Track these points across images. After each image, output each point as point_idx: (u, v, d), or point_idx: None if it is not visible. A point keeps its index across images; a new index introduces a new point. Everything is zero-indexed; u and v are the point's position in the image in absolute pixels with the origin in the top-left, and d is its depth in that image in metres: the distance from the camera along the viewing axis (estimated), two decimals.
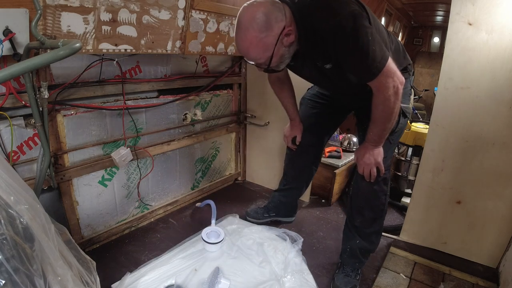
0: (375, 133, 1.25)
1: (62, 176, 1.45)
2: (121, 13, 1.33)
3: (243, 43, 1.07)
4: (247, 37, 1.04)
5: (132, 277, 1.38)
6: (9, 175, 0.82)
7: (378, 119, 1.19)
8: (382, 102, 1.13)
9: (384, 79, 1.06)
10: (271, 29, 1.03)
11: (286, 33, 1.06)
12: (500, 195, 1.56)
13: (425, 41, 6.54)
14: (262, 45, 1.05)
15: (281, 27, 1.04)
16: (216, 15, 1.76)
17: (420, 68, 6.52)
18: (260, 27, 1.02)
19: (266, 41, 1.04)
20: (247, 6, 1.05)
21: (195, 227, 1.85)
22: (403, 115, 1.33)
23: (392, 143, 1.41)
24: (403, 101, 1.28)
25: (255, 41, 1.04)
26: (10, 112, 1.25)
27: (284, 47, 1.09)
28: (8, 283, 0.67)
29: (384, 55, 1.05)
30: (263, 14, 1.01)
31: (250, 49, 1.07)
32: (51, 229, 0.92)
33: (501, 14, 1.40)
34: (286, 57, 1.14)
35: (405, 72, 1.32)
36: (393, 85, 1.08)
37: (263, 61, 1.10)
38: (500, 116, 1.48)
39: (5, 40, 1.04)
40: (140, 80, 1.70)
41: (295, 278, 1.45)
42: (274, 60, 1.10)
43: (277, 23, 1.03)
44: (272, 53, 1.07)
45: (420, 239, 1.82)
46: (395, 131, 1.34)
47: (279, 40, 1.05)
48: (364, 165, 1.34)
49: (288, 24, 1.06)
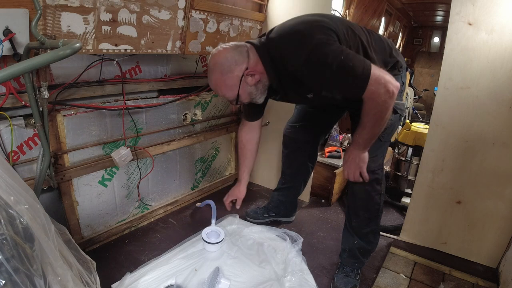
0: (362, 137, 1.24)
1: (62, 176, 1.45)
2: (121, 13, 1.33)
3: (211, 83, 1.21)
4: (213, 79, 1.19)
5: (132, 277, 1.38)
6: (9, 175, 0.82)
7: (368, 124, 1.18)
8: (374, 108, 1.11)
9: (374, 87, 1.06)
10: (231, 71, 1.14)
11: (249, 74, 1.16)
12: (500, 195, 1.56)
13: (425, 41, 6.55)
14: (225, 86, 1.17)
15: (242, 69, 1.15)
16: (216, 15, 1.76)
17: (420, 68, 6.52)
18: (221, 70, 1.15)
19: (228, 82, 1.16)
20: (214, 51, 1.18)
21: (195, 227, 1.85)
22: (394, 111, 1.28)
23: (382, 141, 1.38)
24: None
25: (219, 82, 1.17)
26: (10, 112, 1.25)
27: (249, 86, 1.19)
28: (8, 283, 0.67)
29: (365, 66, 1.05)
30: (225, 58, 1.14)
31: (217, 88, 1.20)
32: (51, 229, 0.92)
33: (501, 14, 1.40)
34: (256, 94, 1.23)
35: (394, 69, 1.30)
36: (385, 90, 1.06)
37: (231, 98, 1.22)
38: (500, 116, 1.48)
39: (5, 40, 1.04)
40: (140, 80, 1.71)
41: (295, 278, 1.45)
42: (242, 98, 1.21)
43: (237, 65, 1.14)
44: (238, 91, 1.18)
45: (420, 239, 1.82)
46: (385, 128, 1.29)
47: (242, 80, 1.16)
48: (347, 169, 1.33)
49: (252, 65, 1.16)
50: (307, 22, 1.13)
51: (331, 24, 1.12)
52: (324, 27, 1.10)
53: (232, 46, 1.16)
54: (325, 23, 1.11)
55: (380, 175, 1.42)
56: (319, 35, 1.05)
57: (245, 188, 1.65)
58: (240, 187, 1.65)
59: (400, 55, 1.35)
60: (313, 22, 1.12)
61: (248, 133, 1.58)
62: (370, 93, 1.06)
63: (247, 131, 1.58)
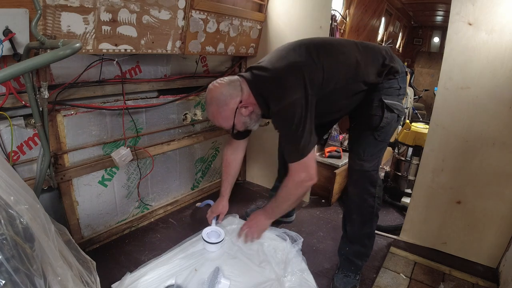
0: (272, 206, 1.41)
1: (62, 176, 1.45)
2: (121, 13, 1.33)
3: (209, 115, 1.31)
4: (210, 111, 1.29)
5: (132, 277, 1.38)
6: (9, 175, 0.82)
7: (280, 197, 1.34)
8: (289, 186, 1.28)
9: (299, 168, 1.23)
10: (227, 105, 1.25)
11: (243, 106, 1.26)
12: (500, 195, 1.56)
13: (425, 41, 6.54)
14: (222, 117, 1.27)
15: (236, 102, 1.26)
16: (216, 15, 1.76)
17: (420, 68, 6.52)
18: (218, 104, 1.25)
19: (224, 114, 1.26)
20: (210, 87, 1.29)
21: (195, 227, 1.85)
22: (389, 110, 1.31)
23: (378, 140, 1.37)
24: (390, 98, 1.33)
25: (216, 114, 1.27)
26: (10, 112, 1.25)
27: (243, 116, 1.29)
28: (8, 283, 0.67)
29: (307, 149, 1.21)
30: (220, 93, 1.25)
31: (214, 119, 1.30)
32: (51, 229, 0.92)
33: (501, 14, 1.40)
34: (250, 123, 1.33)
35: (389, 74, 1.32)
36: (304, 177, 1.24)
37: (227, 128, 1.31)
38: (500, 116, 1.48)
39: (5, 40, 1.04)
40: (140, 80, 1.70)
41: (295, 278, 1.45)
42: (238, 127, 1.32)
43: (232, 99, 1.25)
44: (233, 122, 1.28)
45: (420, 239, 1.82)
46: (380, 127, 1.33)
47: (236, 112, 1.26)
48: (246, 226, 1.49)
49: (245, 98, 1.27)
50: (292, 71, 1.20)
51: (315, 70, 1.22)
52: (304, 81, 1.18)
53: (227, 82, 1.27)
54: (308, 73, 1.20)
55: (374, 176, 1.40)
56: (298, 93, 1.18)
57: (227, 203, 1.72)
58: (223, 202, 1.70)
59: (396, 61, 1.36)
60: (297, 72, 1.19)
61: (233, 152, 1.64)
62: (293, 168, 1.24)
63: (232, 150, 1.64)
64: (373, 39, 4.17)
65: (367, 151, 1.37)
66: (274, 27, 2.12)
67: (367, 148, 1.38)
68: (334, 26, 2.55)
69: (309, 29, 1.95)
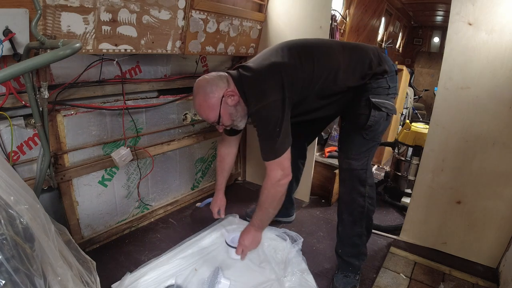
0: (258, 216, 1.40)
1: (62, 176, 1.45)
2: (121, 13, 1.33)
3: (195, 106, 1.30)
4: (196, 101, 1.28)
5: (132, 277, 1.38)
6: (9, 175, 0.82)
7: (262, 202, 1.35)
8: (268, 187, 1.30)
9: (275, 166, 1.26)
10: (212, 92, 1.25)
11: (228, 95, 1.26)
12: (500, 195, 1.56)
13: (425, 41, 6.55)
14: (208, 105, 1.26)
15: (222, 90, 1.26)
16: (216, 15, 1.76)
17: (420, 68, 6.52)
18: (204, 92, 1.26)
19: (210, 102, 1.25)
20: (199, 79, 1.30)
21: (195, 227, 1.85)
22: (376, 108, 1.32)
23: (366, 139, 1.38)
24: (378, 97, 1.33)
25: (202, 102, 1.26)
26: (10, 112, 1.25)
27: (229, 106, 1.28)
28: (8, 283, 0.67)
29: (282, 148, 1.24)
30: (207, 82, 1.27)
31: (201, 110, 1.29)
32: (51, 229, 0.92)
33: (501, 14, 1.40)
34: (237, 116, 1.32)
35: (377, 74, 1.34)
36: (280, 175, 1.26)
37: (213, 119, 1.29)
38: (500, 116, 1.48)
39: (5, 40, 1.04)
40: (140, 80, 1.70)
41: (295, 278, 1.45)
42: (224, 119, 1.30)
43: (218, 87, 1.26)
44: (219, 112, 1.27)
45: (420, 239, 1.82)
46: (368, 126, 1.34)
47: (222, 100, 1.26)
48: (241, 246, 1.45)
49: (230, 89, 1.28)
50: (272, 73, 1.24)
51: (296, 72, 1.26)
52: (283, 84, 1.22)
53: (215, 75, 1.30)
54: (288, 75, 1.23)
55: (363, 176, 1.40)
56: (276, 95, 1.22)
57: (224, 197, 1.73)
58: (220, 196, 1.72)
59: (385, 62, 1.36)
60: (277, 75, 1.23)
61: (227, 147, 1.65)
62: (270, 167, 1.27)
63: (226, 145, 1.64)
64: (373, 39, 4.17)
65: (355, 149, 1.38)
66: (274, 27, 2.12)
67: (355, 147, 1.39)
68: (334, 26, 2.55)
69: (309, 29, 1.95)
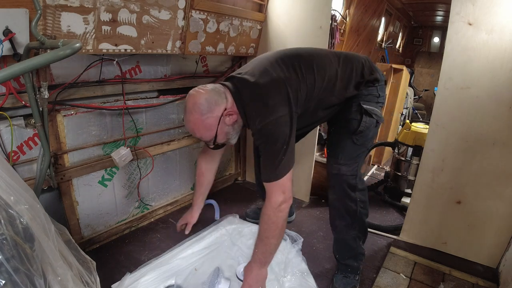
0: (260, 250, 1.24)
1: (62, 176, 1.45)
2: (121, 13, 1.33)
3: (189, 125, 1.19)
4: (191, 119, 1.16)
5: (132, 277, 1.38)
6: (9, 175, 0.82)
7: (264, 232, 1.22)
8: (268, 213, 1.19)
9: (276, 189, 1.17)
10: (211, 111, 1.15)
11: (227, 114, 1.19)
12: (500, 195, 1.56)
13: (425, 41, 6.54)
14: (204, 126, 1.17)
15: (221, 109, 1.17)
16: (216, 15, 1.76)
17: (420, 68, 6.52)
18: (201, 111, 1.14)
19: (208, 122, 1.16)
20: (192, 93, 1.18)
21: (195, 227, 1.84)
22: (368, 114, 1.33)
23: (356, 144, 1.37)
24: (368, 103, 1.35)
25: (198, 122, 1.16)
26: (10, 112, 1.25)
27: (227, 126, 1.21)
28: (8, 283, 0.67)
29: (287, 168, 1.17)
30: (204, 99, 1.15)
31: (195, 129, 1.18)
32: (51, 229, 0.92)
33: (501, 14, 1.40)
34: (233, 134, 1.26)
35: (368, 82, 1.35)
36: (281, 200, 1.16)
37: (208, 139, 1.21)
38: (500, 116, 1.48)
39: (5, 40, 1.04)
40: (140, 80, 1.70)
41: (295, 278, 1.45)
42: (219, 138, 1.22)
43: (217, 106, 1.16)
44: (216, 132, 1.19)
45: (420, 239, 1.82)
46: (359, 131, 1.34)
47: (220, 120, 1.18)
48: (245, 286, 1.25)
49: (229, 106, 1.19)
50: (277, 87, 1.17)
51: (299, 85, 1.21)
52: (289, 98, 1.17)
53: (211, 88, 1.19)
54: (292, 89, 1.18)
55: (354, 181, 1.38)
56: (283, 110, 1.15)
57: (198, 214, 1.63)
58: (193, 212, 1.63)
59: (376, 71, 1.38)
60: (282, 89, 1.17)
61: (208, 162, 1.57)
62: (270, 188, 1.18)
63: (207, 160, 1.57)
64: (373, 39, 4.17)
65: (345, 155, 1.36)
66: (274, 27, 2.12)
67: (345, 152, 1.37)
68: (334, 26, 2.55)
69: (309, 29, 1.95)
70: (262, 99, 1.16)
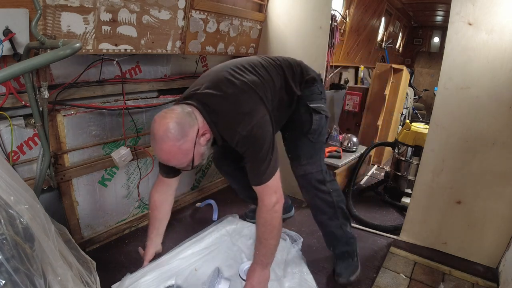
0: (261, 252, 1.25)
1: (62, 176, 1.45)
2: (121, 13, 1.33)
3: (163, 154, 1.08)
4: (165, 148, 1.06)
5: (132, 277, 1.38)
6: (9, 175, 0.82)
7: (261, 235, 1.23)
8: (264, 216, 1.20)
9: (269, 190, 1.18)
10: (186, 135, 1.07)
11: (201, 134, 1.13)
12: (500, 195, 1.56)
13: (425, 41, 6.54)
14: (181, 152, 1.08)
15: (195, 131, 1.10)
16: (216, 15, 1.76)
17: (420, 68, 6.52)
18: (175, 137, 1.05)
19: (184, 147, 1.08)
20: (158, 119, 1.07)
21: (195, 227, 1.85)
22: (316, 112, 1.39)
23: (314, 142, 1.41)
24: (314, 102, 1.41)
25: (174, 149, 1.06)
26: (10, 112, 1.25)
27: (202, 146, 1.15)
28: (8, 283, 0.67)
29: (275, 167, 1.17)
30: (176, 123, 1.05)
31: (171, 158, 1.09)
32: (51, 229, 0.92)
33: (501, 14, 1.40)
34: (206, 154, 1.21)
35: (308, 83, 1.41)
36: (275, 200, 1.18)
37: (185, 165, 1.13)
38: (500, 116, 1.48)
39: (5, 40, 1.04)
40: (140, 80, 1.71)
41: (295, 278, 1.45)
42: (196, 160, 1.15)
43: (190, 128, 1.09)
44: (193, 155, 1.12)
45: (420, 239, 1.82)
46: (313, 129, 1.39)
47: (196, 142, 1.11)
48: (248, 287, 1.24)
49: (201, 126, 1.13)
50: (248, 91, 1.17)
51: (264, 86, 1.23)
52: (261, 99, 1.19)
53: (179, 111, 1.10)
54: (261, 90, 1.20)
55: (321, 176, 1.42)
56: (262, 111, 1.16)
57: (154, 251, 1.45)
58: (148, 249, 1.44)
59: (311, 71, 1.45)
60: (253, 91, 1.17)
61: (163, 193, 1.42)
62: (264, 193, 1.18)
63: (161, 191, 1.42)
64: (373, 39, 4.17)
65: (306, 155, 1.40)
66: (274, 27, 2.12)
67: (305, 152, 1.40)
68: (334, 26, 2.55)
69: (309, 29, 1.96)
70: (236, 108, 1.14)
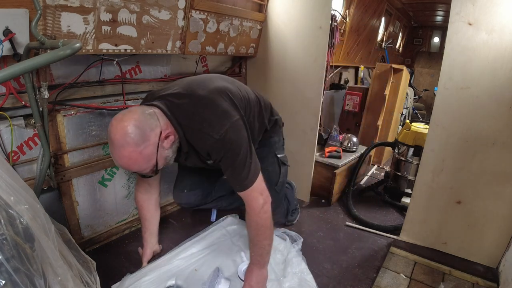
0: (256, 253, 1.25)
1: (62, 176, 1.45)
2: (121, 13, 1.33)
3: (123, 161, 1.00)
4: (125, 155, 0.98)
5: (133, 277, 1.38)
6: (9, 175, 0.82)
7: (254, 237, 1.22)
8: (254, 219, 1.18)
9: (255, 194, 1.16)
10: (148, 140, 1.00)
11: (165, 137, 1.06)
12: (500, 195, 1.56)
13: (425, 41, 6.54)
14: (143, 158, 1.01)
15: (157, 134, 1.03)
16: (216, 15, 1.76)
17: (420, 68, 6.52)
18: (135, 141, 0.97)
19: (146, 152, 1.00)
20: (116, 122, 0.99)
21: (195, 227, 1.85)
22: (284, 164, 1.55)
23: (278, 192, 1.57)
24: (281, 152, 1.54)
25: (135, 155, 0.99)
26: (10, 112, 1.25)
27: (166, 149, 1.08)
28: (8, 283, 0.67)
29: (257, 170, 1.16)
30: (135, 127, 0.97)
31: (132, 165, 1.02)
32: (51, 229, 0.92)
33: (501, 14, 1.40)
34: (172, 157, 1.14)
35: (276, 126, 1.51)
36: (262, 201, 1.17)
37: (148, 170, 1.07)
38: (500, 116, 1.48)
39: (5, 40, 1.04)
40: (140, 80, 1.70)
41: (295, 278, 1.45)
42: (159, 164, 1.09)
43: (152, 131, 1.01)
44: (156, 160, 1.05)
45: (420, 239, 1.82)
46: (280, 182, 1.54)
47: (159, 146, 1.04)
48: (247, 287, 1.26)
49: (164, 128, 1.06)
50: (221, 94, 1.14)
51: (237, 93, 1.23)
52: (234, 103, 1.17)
53: (139, 112, 1.02)
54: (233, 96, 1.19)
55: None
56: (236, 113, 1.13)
57: (151, 251, 1.48)
58: (145, 250, 1.49)
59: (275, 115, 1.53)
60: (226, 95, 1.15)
61: (145, 192, 1.41)
62: (251, 197, 1.16)
63: (143, 190, 1.40)
64: (373, 39, 4.17)
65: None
66: (274, 27, 2.12)
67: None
68: (334, 26, 2.54)
69: (309, 29, 1.95)
70: (207, 110, 1.08)
